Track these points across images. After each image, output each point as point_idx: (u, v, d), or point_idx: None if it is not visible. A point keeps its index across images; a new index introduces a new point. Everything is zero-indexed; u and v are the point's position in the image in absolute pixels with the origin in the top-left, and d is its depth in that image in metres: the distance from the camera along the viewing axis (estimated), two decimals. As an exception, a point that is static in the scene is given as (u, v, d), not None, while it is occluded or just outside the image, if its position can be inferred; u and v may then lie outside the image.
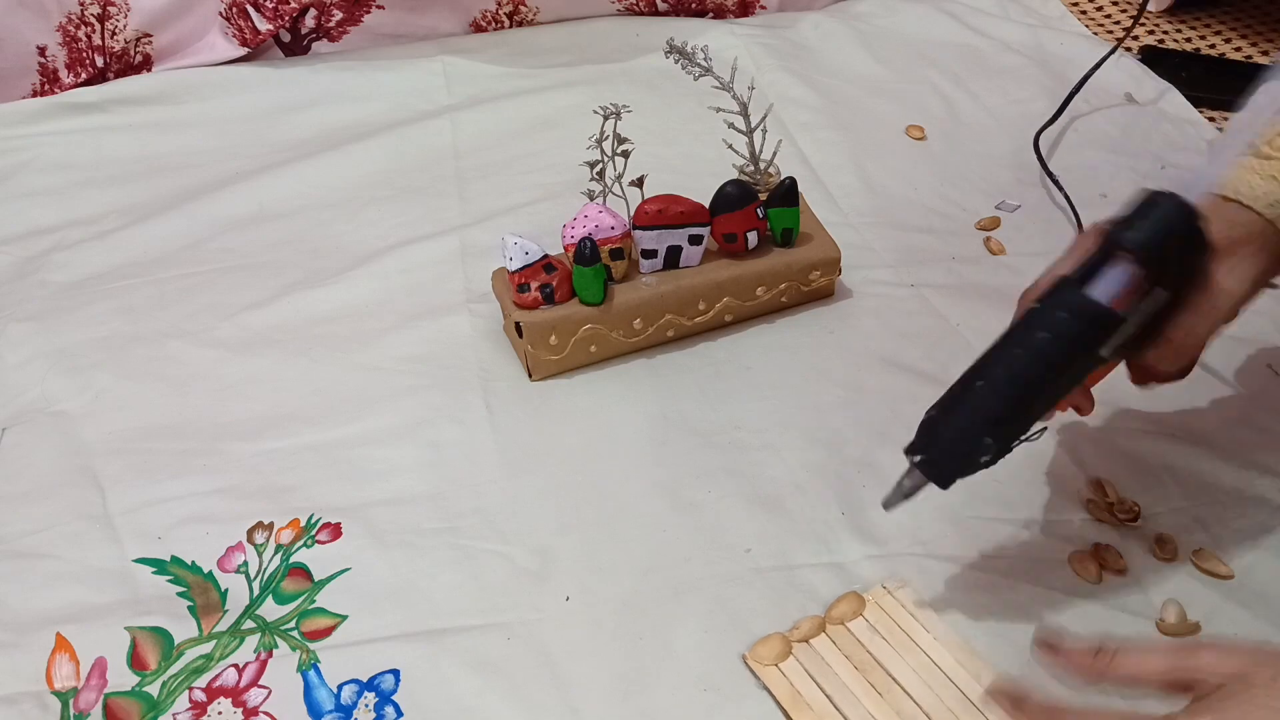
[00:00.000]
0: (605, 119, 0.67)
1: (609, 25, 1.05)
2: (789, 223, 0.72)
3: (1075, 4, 1.12)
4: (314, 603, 0.58)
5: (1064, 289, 0.50)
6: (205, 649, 0.56)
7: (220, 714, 0.54)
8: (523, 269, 0.67)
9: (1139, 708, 0.46)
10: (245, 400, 0.70)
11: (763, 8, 1.08)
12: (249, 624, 0.57)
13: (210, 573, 0.60)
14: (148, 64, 0.99)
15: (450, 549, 0.60)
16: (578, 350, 0.70)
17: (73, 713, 0.54)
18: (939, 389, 0.69)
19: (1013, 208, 0.85)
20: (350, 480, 0.64)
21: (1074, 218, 0.82)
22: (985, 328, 0.73)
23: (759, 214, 0.70)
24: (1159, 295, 0.50)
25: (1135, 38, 1.07)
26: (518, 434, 0.67)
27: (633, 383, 0.71)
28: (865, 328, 0.74)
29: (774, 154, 0.75)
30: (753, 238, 0.71)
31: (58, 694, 0.54)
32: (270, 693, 0.54)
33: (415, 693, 0.54)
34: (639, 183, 0.69)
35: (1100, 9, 1.11)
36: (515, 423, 0.68)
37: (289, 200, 0.86)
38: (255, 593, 0.59)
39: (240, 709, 0.54)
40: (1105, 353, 0.50)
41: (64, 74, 0.97)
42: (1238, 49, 1.05)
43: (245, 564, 0.60)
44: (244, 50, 0.98)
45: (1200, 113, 0.94)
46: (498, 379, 0.71)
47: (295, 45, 1.01)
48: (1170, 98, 0.95)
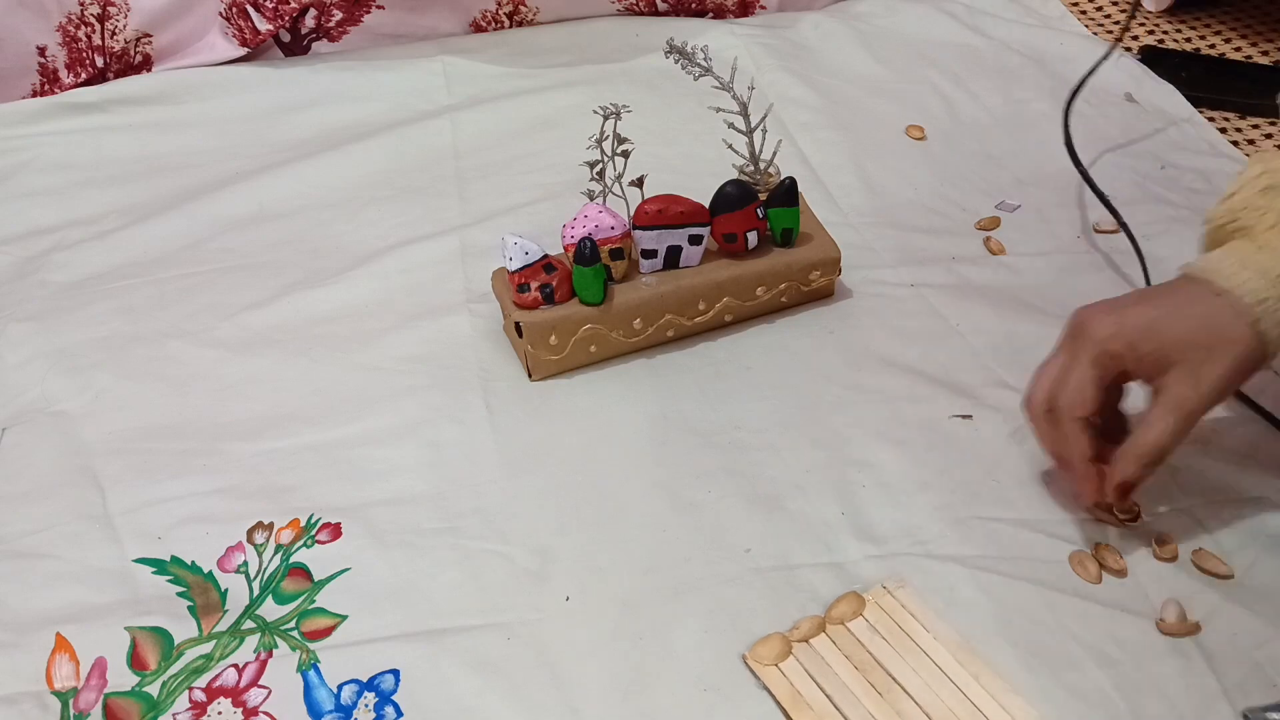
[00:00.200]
0: (605, 119, 0.67)
1: (609, 25, 1.05)
2: (789, 223, 0.72)
3: (1075, 4, 1.12)
4: (314, 603, 0.58)
5: None
6: (205, 649, 0.56)
7: (220, 714, 0.54)
8: (523, 269, 0.67)
9: None
10: (245, 400, 0.70)
11: (763, 8, 1.08)
12: (249, 624, 0.57)
13: (210, 573, 0.60)
14: (148, 64, 0.99)
15: (450, 549, 0.60)
16: (578, 350, 0.70)
17: (73, 713, 0.54)
18: (939, 389, 0.70)
19: (1013, 208, 0.85)
20: (350, 480, 0.64)
21: (1126, 233, 0.80)
22: (985, 328, 0.74)
23: (759, 214, 0.70)
24: None
25: (1135, 37, 1.07)
26: (518, 434, 0.67)
27: (633, 383, 0.71)
28: (865, 328, 0.74)
29: (774, 154, 0.75)
30: (753, 238, 0.71)
31: (58, 694, 0.54)
32: (270, 693, 0.54)
33: (415, 693, 0.54)
34: (639, 183, 0.69)
35: (1100, 9, 1.11)
36: (515, 423, 0.68)
37: (289, 200, 0.86)
38: (255, 593, 0.59)
39: (240, 709, 0.54)
40: None
41: (64, 74, 0.97)
42: (1237, 49, 1.05)
43: (245, 564, 0.60)
44: (244, 50, 0.98)
45: (1200, 113, 0.94)
46: (498, 379, 0.71)
47: (295, 45, 1.01)
48: (1170, 98, 0.95)
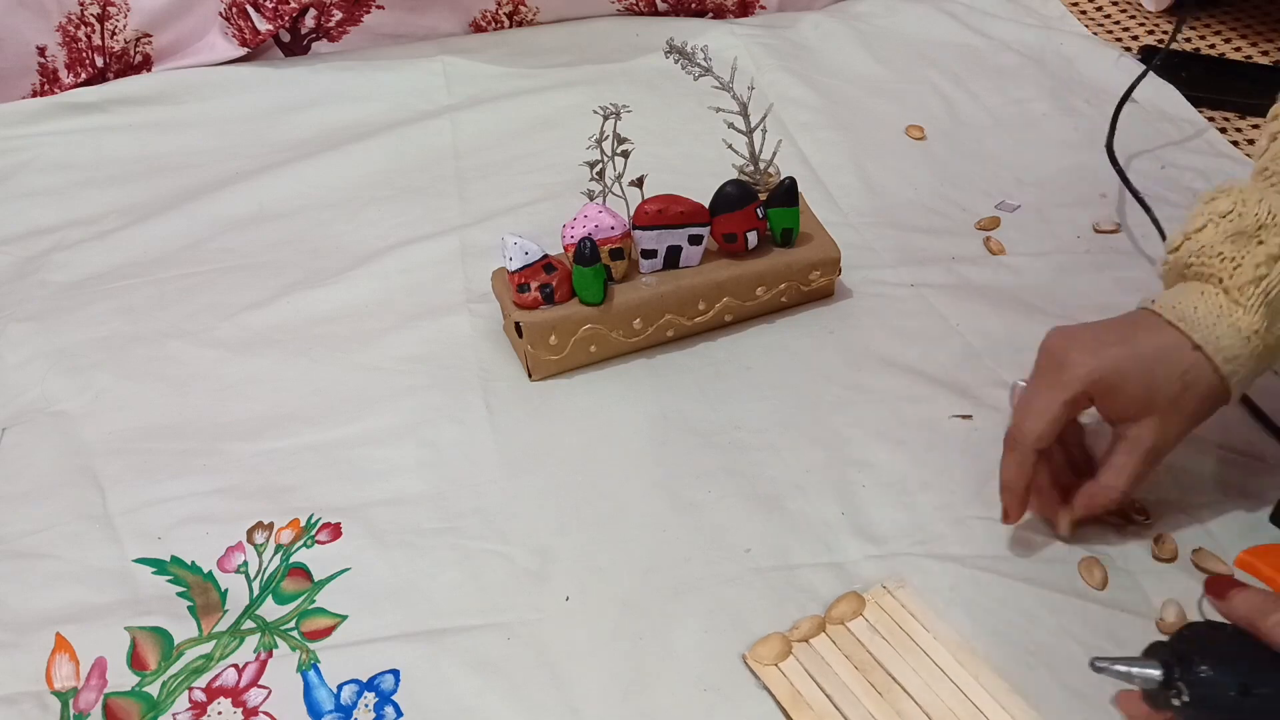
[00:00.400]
0: (605, 119, 0.67)
1: (609, 25, 1.05)
2: (789, 223, 0.72)
3: (1075, 4, 1.12)
4: (314, 603, 0.58)
5: None
6: (205, 649, 0.56)
7: (220, 714, 0.54)
8: (523, 269, 0.67)
9: None
10: (245, 400, 0.70)
11: (762, 8, 1.08)
12: (249, 624, 0.57)
13: (210, 573, 0.60)
14: (148, 64, 0.99)
15: (450, 549, 0.60)
16: (578, 350, 0.70)
17: (72, 713, 0.54)
18: (939, 389, 0.69)
19: (1013, 208, 0.85)
20: (350, 480, 0.64)
21: (1158, 231, 0.80)
22: (985, 328, 0.74)
23: (759, 214, 0.70)
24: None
25: (1135, 37, 1.07)
26: (518, 434, 0.67)
27: (633, 383, 0.71)
28: (865, 328, 0.74)
29: (774, 154, 0.75)
30: (753, 238, 0.71)
31: (58, 694, 0.54)
32: (270, 693, 0.54)
33: (415, 693, 0.54)
34: (639, 183, 0.69)
35: (1100, 9, 1.11)
36: (515, 423, 0.68)
37: (289, 200, 0.86)
38: (255, 593, 0.59)
39: (240, 709, 0.54)
40: None
41: (64, 74, 0.97)
42: (1237, 49, 1.05)
43: (245, 564, 0.60)
44: (244, 50, 0.98)
45: (1200, 113, 0.94)
46: (498, 379, 0.71)
47: (295, 45, 1.01)
48: (1170, 98, 0.95)
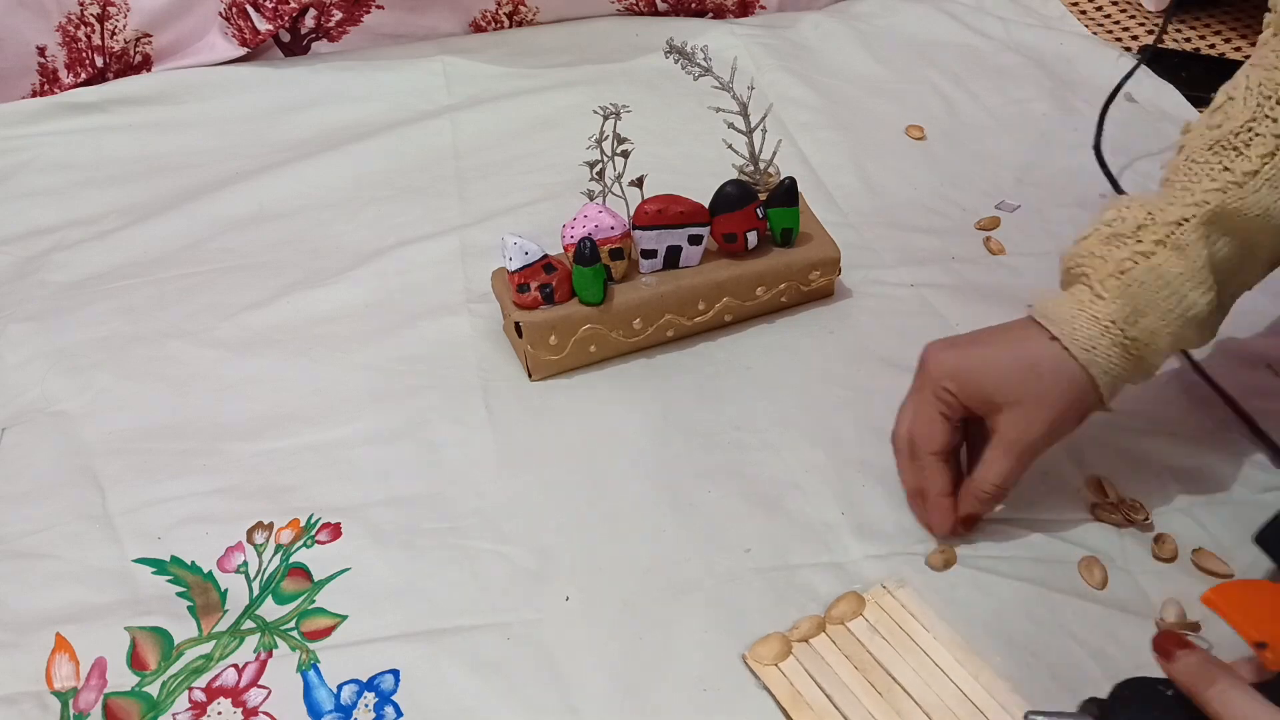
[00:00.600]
0: (605, 119, 0.67)
1: (609, 25, 1.05)
2: (789, 223, 0.72)
3: (1075, 4, 1.12)
4: (314, 603, 0.58)
5: None
6: (205, 649, 0.56)
7: (220, 714, 0.54)
8: (523, 269, 0.67)
9: None
10: (245, 400, 0.70)
11: (762, 8, 1.08)
12: (249, 624, 0.57)
13: (210, 573, 0.60)
14: (147, 64, 0.99)
15: (450, 549, 0.60)
16: (578, 350, 0.70)
17: (72, 713, 0.54)
18: (939, 389, 0.69)
19: (1013, 208, 0.85)
20: (350, 480, 0.64)
21: None
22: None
23: (759, 214, 0.70)
24: None
25: (1135, 37, 1.07)
26: (518, 434, 0.67)
27: (633, 383, 0.71)
28: (865, 328, 0.74)
29: (774, 154, 0.75)
30: (752, 238, 0.71)
31: (57, 694, 0.54)
32: (270, 693, 0.54)
33: (415, 693, 0.54)
34: (639, 183, 0.69)
35: (1100, 9, 1.11)
36: (515, 423, 0.68)
37: (289, 200, 0.86)
38: (255, 593, 0.59)
39: (240, 709, 0.54)
40: None
41: (64, 74, 0.97)
42: (1237, 49, 1.05)
43: (245, 564, 0.60)
44: (244, 50, 0.98)
45: (1200, 112, 0.94)
46: (498, 379, 0.71)
47: (295, 45, 1.01)
48: (1170, 98, 0.95)
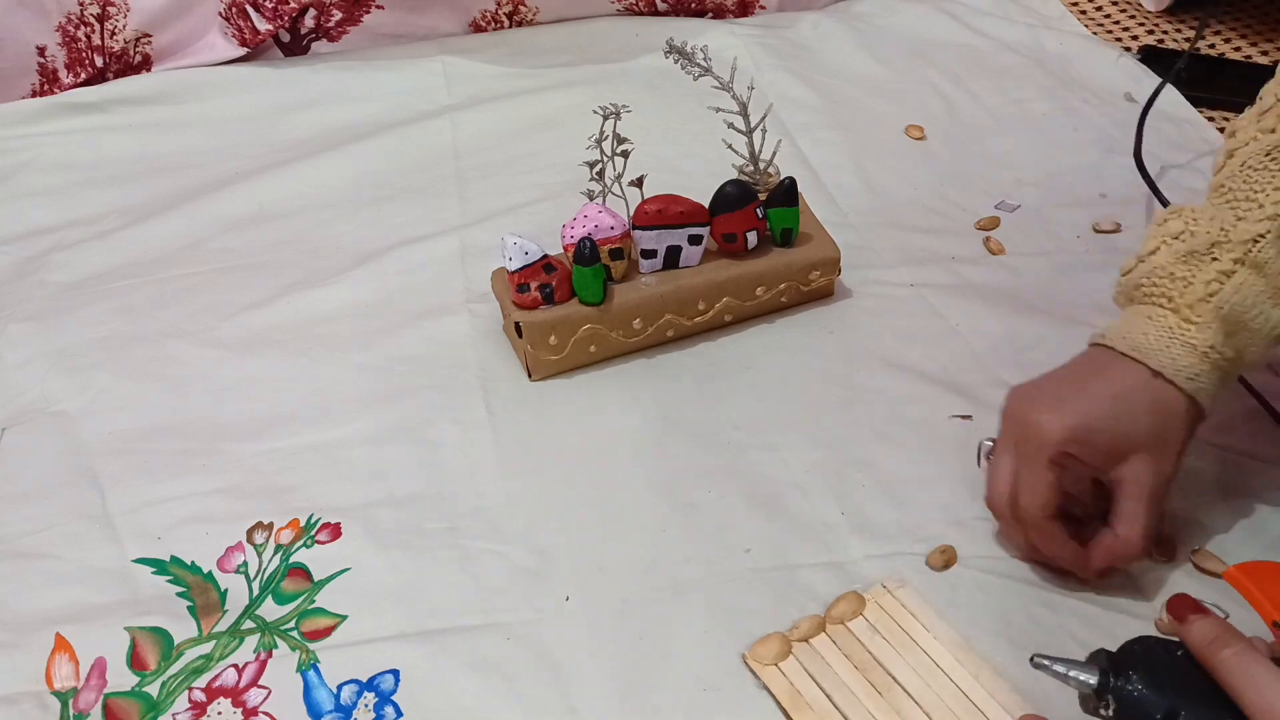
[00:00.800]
0: (605, 119, 0.67)
1: (609, 25, 1.05)
2: (789, 223, 0.72)
3: (1075, 4, 1.12)
4: (314, 603, 0.58)
5: None
6: (205, 649, 0.56)
7: (220, 714, 0.54)
8: (522, 269, 0.67)
9: None
10: (245, 400, 0.70)
11: (762, 8, 1.08)
12: (249, 624, 0.57)
13: (210, 573, 0.60)
14: (147, 64, 0.99)
15: (450, 549, 0.60)
16: (577, 350, 0.70)
17: (72, 713, 0.54)
18: (939, 389, 0.69)
19: (1013, 208, 0.85)
20: (350, 480, 0.64)
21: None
22: (985, 328, 0.74)
23: (759, 214, 0.70)
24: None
25: (1135, 37, 1.07)
26: (518, 434, 0.67)
27: (633, 383, 0.71)
28: (865, 328, 0.74)
29: (774, 154, 0.75)
30: (752, 238, 0.71)
31: (57, 694, 0.54)
32: (270, 693, 0.54)
33: (415, 693, 0.54)
34: (639, 183, 0.69)
35: (1100, 9, 1.11)
36: (515, 423, 0.68)
37: (289, 200, 0.86)
38: (255, 593, 0.59)
39: (240, 709, 0.54)
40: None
41: (64, 74, 0.97)
42: (1237, 49, 1.05)
43: (245, 564, 0.60)
44: (244, 50, 0.98)
45: (1200, 113, 0.94)
46: (498, 379, 0.71)
47: (295, 45, 1.01)
48: (1170, 98, 0.95)
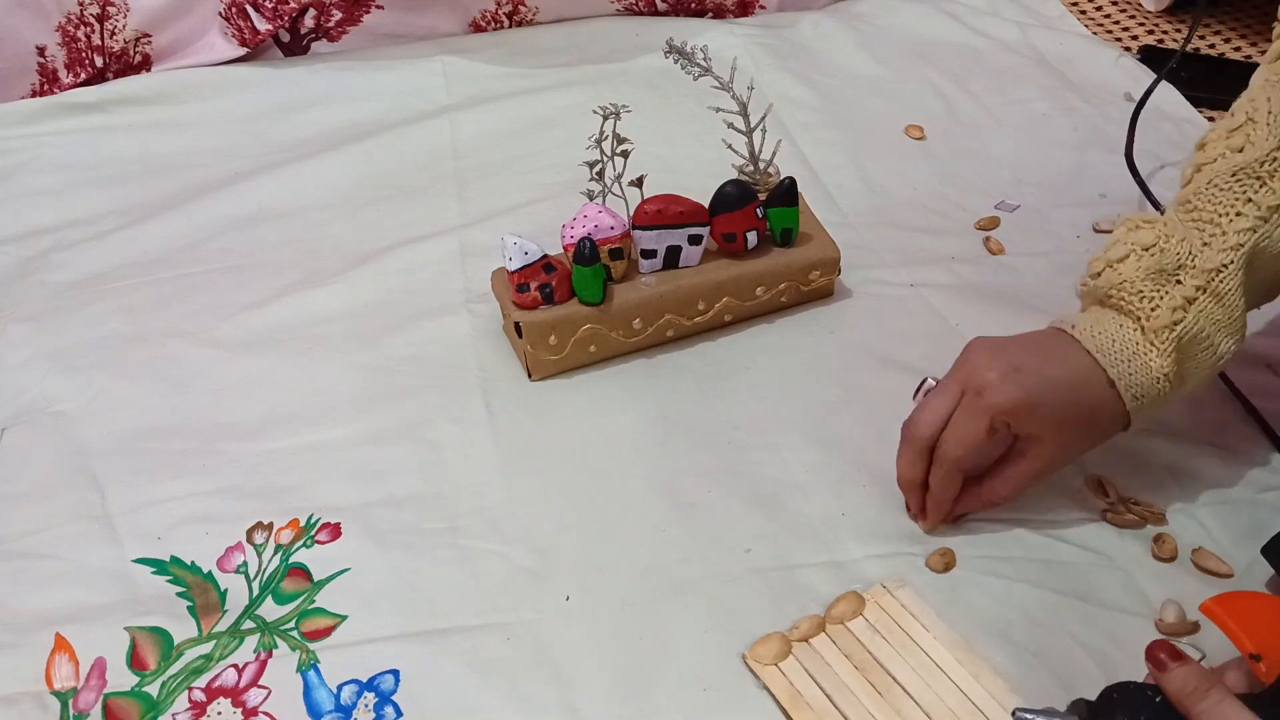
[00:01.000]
0: (605, 119, 0.67)
1: (609, 25, 1.05)
2: (788, 223, 0.72)
3: (1075, 4, 1.12)
4: (314, 603, 0.58)
5: None
6: (205, 649, 0.56)
7: (220, 714, 0.54)
8: (522, 269, 0.67)
9: None
10: (245, 400, 0.70)
11: (762, 8, 1.08)
12: (249, 624, 0.57)
13: (210, 573, 0.60)
14: (147, 64, 0.98)
15: (450, 549, 0.60)
16: (577, 350, 0.70)
17: (72, 713, 0.54)
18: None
19: (1012, 208, 0.85)
20: (350, 480, 0.64)
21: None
22: (985, 328, 0.73)
23: (758, 214, 0.70)
24: None
25: (1135, 37, 1.07)
26: (518, 434, 0.67)
27: (633, 383, 0.71)
28: (865, 328, 0.74)
29: (773, 154, 0.75)
30: (752, 238, 0.71)
31: (57, 694, 0.54)
32: (270, 693, 0.54)
33: (415, 693, 0.54)
34: (638, 183, 0.69)
35: (1100, 9, 1.11)
36: (515, 423, 0.68)
37: (289, 200, 0.86)
38: (255, 593, 0.59)
39: (240, 709, 0.54)
40: None
41: (63, 74, 0.97)
42: (1237, 49, 1.05)
43: (245, 564, 0.60)
44: (243, 50, 0.98)
45: (1200, 113, 0.94)
46: (498, 379, 0.71)
47: (295, 45, 1.01)
48: (1170, 97, 0.95)
